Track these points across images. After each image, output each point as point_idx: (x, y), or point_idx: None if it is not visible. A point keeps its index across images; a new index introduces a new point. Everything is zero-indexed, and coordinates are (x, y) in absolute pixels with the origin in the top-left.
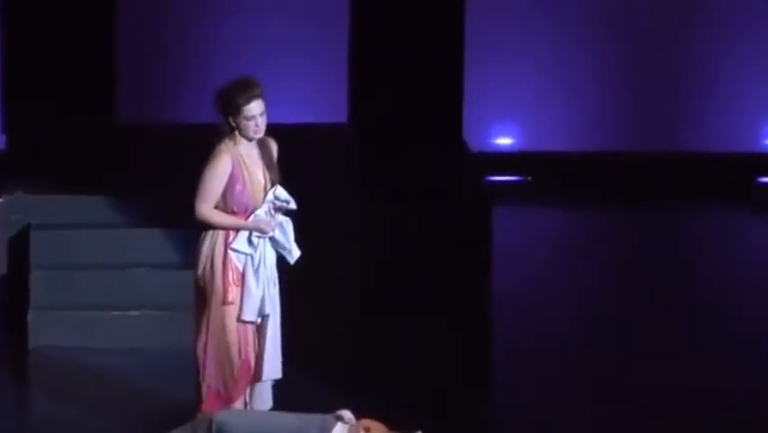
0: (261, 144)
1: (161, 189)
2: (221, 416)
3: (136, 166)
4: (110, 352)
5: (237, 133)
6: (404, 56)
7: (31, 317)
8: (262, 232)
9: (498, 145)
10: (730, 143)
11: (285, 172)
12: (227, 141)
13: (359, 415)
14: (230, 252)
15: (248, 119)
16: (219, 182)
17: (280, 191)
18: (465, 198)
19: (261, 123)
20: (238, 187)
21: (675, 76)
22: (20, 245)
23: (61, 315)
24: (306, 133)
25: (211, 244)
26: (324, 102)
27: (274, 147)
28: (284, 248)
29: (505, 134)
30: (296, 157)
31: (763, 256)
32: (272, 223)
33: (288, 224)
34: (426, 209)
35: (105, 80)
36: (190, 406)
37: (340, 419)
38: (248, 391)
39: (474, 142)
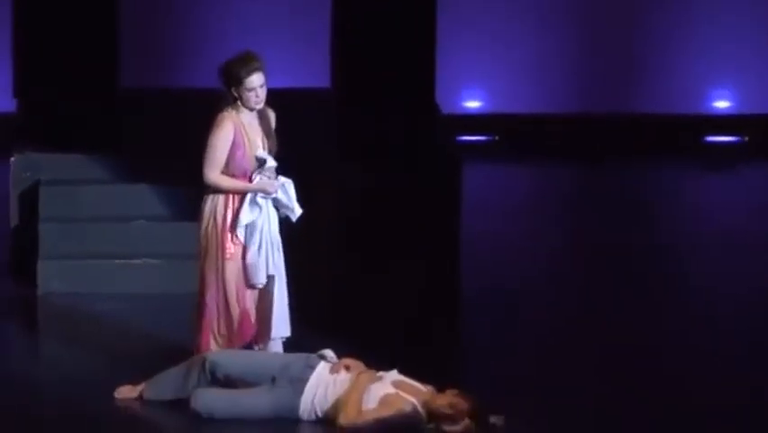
0: (261, 114)
1: (160, 149)
2: (213, 356)
3: (136, 127)
4: (113, 297)
5: (239, 103)
6: (382, 27)
7: (40, 266)
8: (267, 193)
9: (467, 108)
10: (681, 106)
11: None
12: (230, 109)
13: (340, 355)
14: (235, 215)
15: (249, 90)
16: (224, 148)
17: (269, 165)
18: (437, 155)
19: (261, 94)
20: (239, 152)
21: (630, 44)
22: (30, 200)
23: (68, 264)
24: (291, 96)
25: (213, 204)
26: (308, 68)
27: (272, 116)
28: (287, 207)
29: (473, 98)
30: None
31: (711, 208)
32: (275, 184)
33: (290, 184)
34: (402, 166)
35: (108, 47)
36: (187, 347)
37: (323, 357)
38: (260, 349)
39: (445, 104)
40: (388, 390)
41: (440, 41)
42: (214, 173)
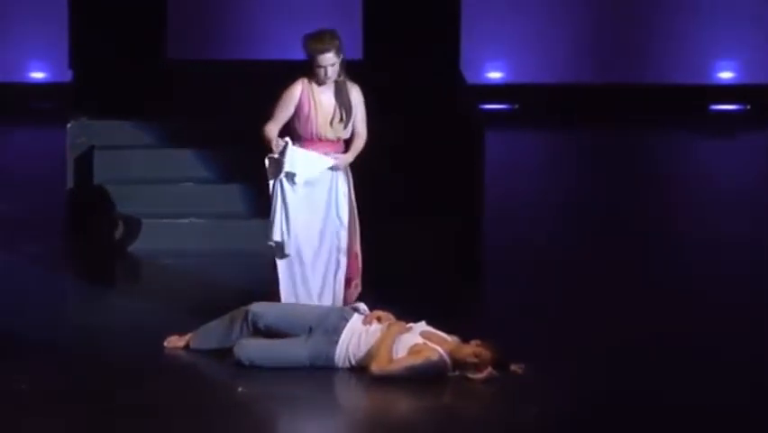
0: (339, 88)
1: (206, 115)
2: (255, 307)
3: (184, 95)
4: (162, 254)
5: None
6: (411, 4)
7: (95, 223)
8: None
9: (489, 78)
10: (688, 76)
11: None
12: (306, 77)
13: (371, 307)
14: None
15: (318, 67)
16: (284, 105)
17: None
18: (462, 122)
19: (331, 72)
20: (304, 112)
21: (641, 18)
22: (85, 164)
23: (120, 221)
24: None
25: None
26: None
27: (354, 93)
28: (315, 164)
29: (496, 69)
30: None
31: (715, 171)
32: (280, 143)
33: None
34: (429, 131)
35: (156, 20)
36: (229, 299)
37: (356, 310)
38: None
39: (469, 75)
40: (417, 340)
41: (464, 16)
42: (268, 123)
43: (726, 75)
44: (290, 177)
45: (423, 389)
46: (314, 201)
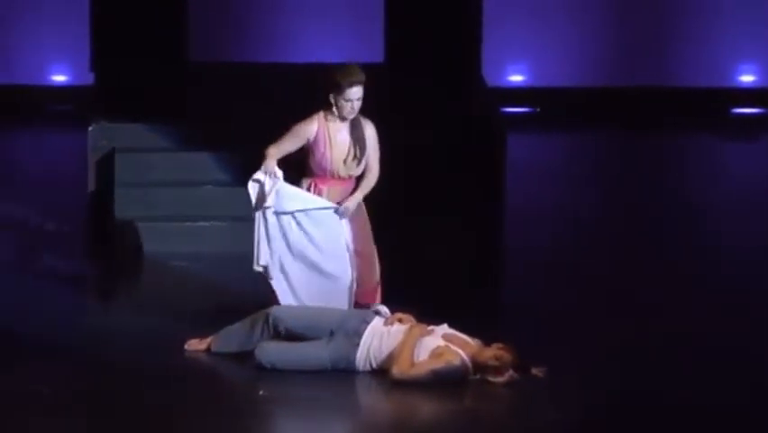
0: (354, 124)
1: (226, 119)
2: (276, 310)
3: (204, 98)
4: (183, 257)
5: (334, 109)
6: (432, 6)
7: (116, 227)
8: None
9: (511, 81)
10: (710, 80)
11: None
12: (322, 112)
13: (392, 310)
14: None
15: (346, 100)
16: (294, 138)
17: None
18: (483, 125)
19: (357, 106)
20: (320, 150)
21: (663, 21)
22: (106, 167)
23: (141, 225)
24: None
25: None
26: (363, 43)
27: (369, 130)
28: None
29: (517, 72)
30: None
31: (736, 174)
32: (271, 170)
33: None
34: (451, 134)
35: (178, 24)
36: (251, 302)
37: (377, 312)
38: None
39: (491, 78)
40: (439, 342)
41: (486, 20)
42: (271, 148)
43: (747, 78)
44: (276, 212)
45: (444, 392)
46: (314, 236)
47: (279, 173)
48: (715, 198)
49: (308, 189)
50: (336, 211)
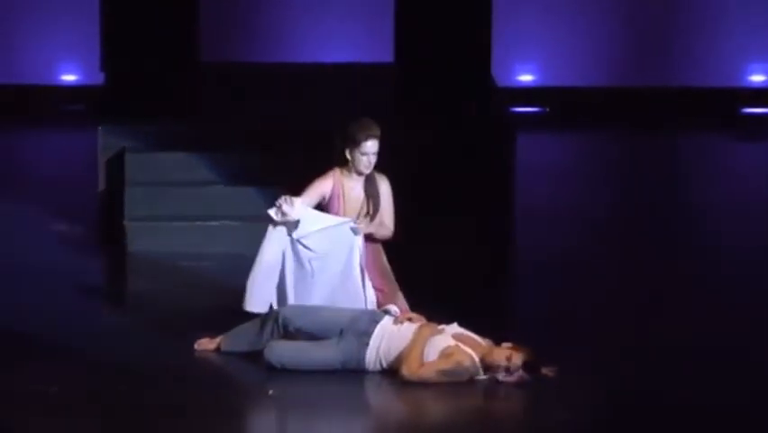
0: (369, 179)
1: (236, 118)
2: (285, 310)
3: (214, 98)
4: (191, 256)
5: (349, 164)
6: (442, 6)
7: (126, 226)
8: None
9: (520, 81)
10: (720, 79)
11: (335, 105)
12: (337, 169)
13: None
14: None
15: (362, 154)
16: (310, 193)
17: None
18: (493, 125)
19: (373, 160)
20: (333, 207)
21: (673, 21)
22: (116, 166)
23: (151, 225)
24: (356, 69)
25: None
26: (373, 43)
27: (383, 185)
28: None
29: (527, 72)
30: (345, 91)
31: (746, 174)
32: (284, 201)
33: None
34: (460, 134)
35: (188, 23)
36: None
37: (387, 312)
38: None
39: (500, 78)
40: (449, 342)
41: (495, 20)
42: (286, 204)
43: (757, 78)
44: (300, 240)
45: (454, 392)
46: (328, 264)
47: (298, 201)
48: (724, 197)
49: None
50: (351, 228)
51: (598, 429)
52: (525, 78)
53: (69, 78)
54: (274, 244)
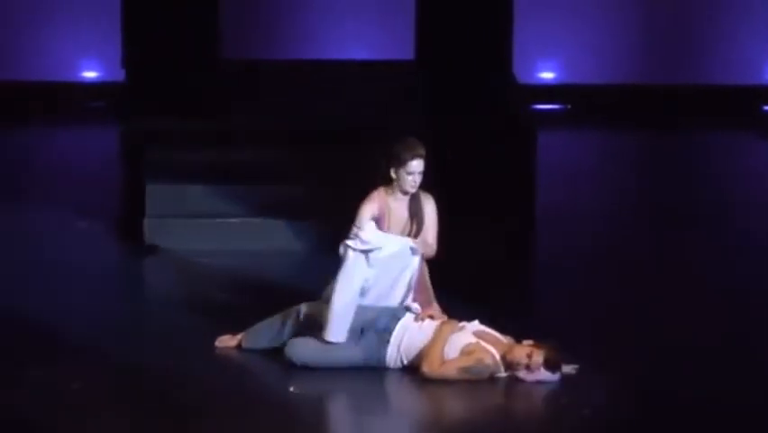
0: (413, 198)
1: (257, 115)
2: (306, 307)
3: (236, 95)
4: (212, 252)
5: (393, 184)
6: (464, 5)
7: (146, 223)
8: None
9: (542, 78)
10: (740, 77)
11: (359, 101)
12: (381, 189)
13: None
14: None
15: (408, 174)
16: (367, 215)
17: (366, 234)
18: (514, 122)
19: (418, 180)
20: (381, 227)
21: (694, 19)
22: (137, 163)
23: (171, 221)
24: (377, 67)
25: None
26: (393, 41)
27: (429, 205)
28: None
29: (548, 69)
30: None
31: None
32: (359, 229)
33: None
34: (481, 132)
35: (209, 21)
36: (281, 299)
37: (408, 309)
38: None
39: (522, 75)
40: (470, 339)
41: (517, 17)
42: (362, 231)
43: None
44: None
45: (474, 389)
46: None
47: (371, 226)
48: (746, 196)
49: None
50: (411, 248)
51: (619, 428)
52: (547, 76)
53: (91, 75)
54: (355, 274)
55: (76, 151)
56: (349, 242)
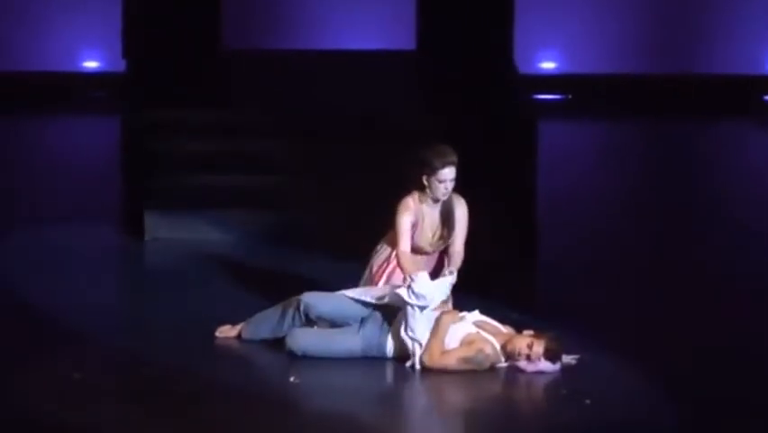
0: (446, 203)
1: (259, 106)
2: (307, 297)
3: (237, 85)
4: (213, 243)
5: (426, 190)
6: None
7: (146, 213)
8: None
9: (542, 68)
10: (741, 67)
11: (360, 91)
12: (414, 194)
13: None
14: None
15: (440, 181)
16: (407, 223)
17: (420, 287)
18: (515, 112)
19: (450, 187)
20: (414, 233)
21: (695, 8)
22: (138, 153)
23: (172, 212)
24: (378, 57)
25: (379, 252)
26: (395, 31)
27: (460, 208)
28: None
29: (549, 59)
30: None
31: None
32: (412, 282)
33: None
34: (482, 121)
35: (210, 10)
36: (282, 290)
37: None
38: None
39: (522, 65)
40: (470, 329)
41: (517, 7)
42: (403, 245)
43: None
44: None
45: (475, 379)
46: None
47: (423, 276)
48: (745, 184)
49: (389, 256)
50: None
51: (620, 419)
52: (547, 66)
53: (91, 64)
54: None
55: (77, 141)
56: (401, 292)
